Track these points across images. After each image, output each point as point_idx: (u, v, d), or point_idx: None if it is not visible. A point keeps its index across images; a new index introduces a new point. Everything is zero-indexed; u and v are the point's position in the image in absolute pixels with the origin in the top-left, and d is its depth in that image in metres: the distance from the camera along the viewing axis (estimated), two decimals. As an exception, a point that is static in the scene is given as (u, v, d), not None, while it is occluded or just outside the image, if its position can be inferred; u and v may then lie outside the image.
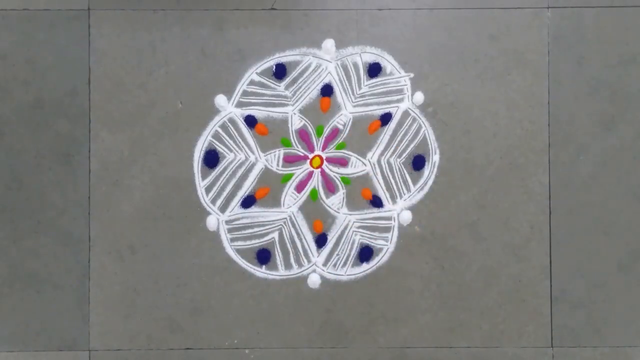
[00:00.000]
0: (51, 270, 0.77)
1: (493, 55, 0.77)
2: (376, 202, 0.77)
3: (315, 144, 0.77)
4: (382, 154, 0.77)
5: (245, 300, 0.77)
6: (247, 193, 0.77)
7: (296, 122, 0.77)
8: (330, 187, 0.77)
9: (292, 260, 0.77)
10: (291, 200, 0.77)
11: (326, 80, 0.77)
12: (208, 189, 0.77)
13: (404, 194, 0.77)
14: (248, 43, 0.77)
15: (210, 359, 0.77)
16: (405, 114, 0.77)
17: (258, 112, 0.77)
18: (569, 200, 0.77)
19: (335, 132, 0.77)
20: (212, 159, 0.77)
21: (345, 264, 0.77)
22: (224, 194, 0.77)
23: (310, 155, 0.77)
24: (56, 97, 0.76)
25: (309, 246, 0.77)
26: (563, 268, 0.77)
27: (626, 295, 0.78)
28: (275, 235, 0.77)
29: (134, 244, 0.77)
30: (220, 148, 0.77)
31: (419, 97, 0.77)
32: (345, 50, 0.77)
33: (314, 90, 0.77)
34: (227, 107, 0.77)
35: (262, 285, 0.77)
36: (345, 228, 0.77)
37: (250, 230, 0.77)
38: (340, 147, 0.77)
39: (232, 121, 0.77)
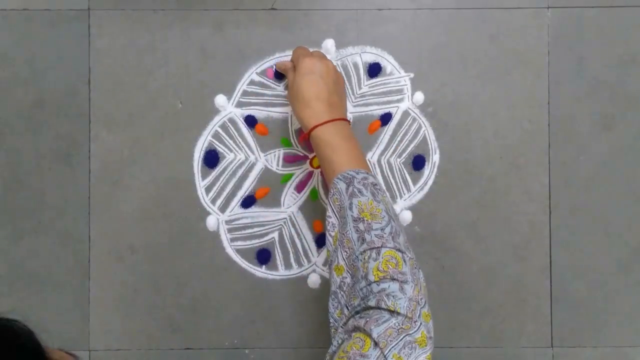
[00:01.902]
0: (51, 270, 0.77)
1: (493, 55, 0.77)
2: (376, 202, 0.77)
3: (315, 144, 0.77)
4: (382, 154, 0.77)
5: (245, 300, 0.77)
6: (247, 193, 0.77)
7: (296, 122, 0.77)
8: (330, 187, 0.77)
9: (292, 260, 0.77)
10: (291, 200, 0.77)
11: (326, 80, 0.77)
12: (208, 189, 0.77)
13: (404, 194, 0.77)
14: (248, 43, 0.77)
15: (210, 359, 0.77)
16: (405, 114, 0.77)
17: (258, 112, 0.77)
18: (569, 200, 0.77)
19: (335, 132, 0.77)
20: (212, 159, 0.77)
21: (345, 264, 0.77)
22: (224, 194, 0.77)
23: (310, 155, 0.77)
24: (56, 97, 0.76)
25: (309, 246, 0.77)
26: (563, 268, 0.77)
27: (626, 295, 0.78)
28: (275, 235, 0.77)
29: (134, 244, 0.77)
30: (220, 148, 0.77)
31: (419, 97, 0.77)
32: (345, 50, 0.77)
33: (314, 90, 0.77)
34: (227, 107, 0.77)
35: (262, 285, 0.77)
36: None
37: (250, 230, 0.77)
38: (340, 147, 0.77)
39: (232, 121, 0.77)
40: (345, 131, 0.62)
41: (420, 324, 0.49)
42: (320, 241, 0.77)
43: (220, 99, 0.77)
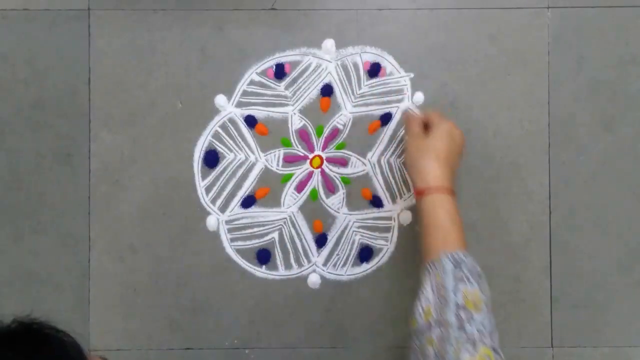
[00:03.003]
0: (51, 270, 0.77)
1: (493, 55, 0.77)
2: (376, 202, 0.77)
3: (315, 144, 0.77)
4: (382, 154, 0.77)
5: (245, 300, 0.77)
6: (247, 193, 0.77)
7: (296, 122, 0.77)
8: (330, 187, 0.77)
9: (292, 260, 0.77)
10: (291, 200, 0.77)
11: (326, 80, 0.77)
12: (208, 189, 0.77)
13: (404, 194, 0.77)
14: (248, 43, 0.77)
15: (210, 359, 0.77)
16: (405, 114, 0.77)
17: (258, 112, 0.77)
18: (569, 200, 0.77)
19: (335, 132, 0.77)
20: (212, 159, 0.77)
21: (345, 264, 0.77)
22: (224, 194, 0.77)
23: (310, 155, 0.77)
24: (56, 97, 0.76)
25: (309, 246, 0.77)
26: (563, 268, 0.77)
27: (626, 295, 0.78)
28: (275, 235, 0.77)
29: (134, 244, 0.77)
30: (220, 148, 0.77)
31: (419, 97, 0.77)
32: (345, 50, 0.77)
33: (314, 90, 0.77)
34: (227, 107, 0.77)
35: (262, 285, 0.77)
36: (345, 228, 0.77)
37: (250, 230, 0.77)
38: (340, 147, 0.77)
39: (232, 121, 0.77)
40: (453, 204, 0.60)
41: None
42: (320, 241, 0.77)
43: (220, 99, 0.77)
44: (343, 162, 0.77)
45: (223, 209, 0.77)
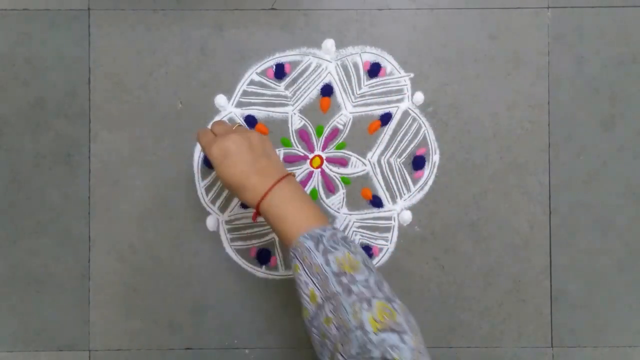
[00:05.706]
0: (51, 270, 0.77)
1: (493, 55, 0.77)
2: (376, 202, 0.77)
3: (315, 144, 0.77)
4: (382, 154, 0.77)
5: (245, 300, 0.77)
6: (247, 193, 0.77)
7: (296, 122, 0.77)
8: (330, 187, 0.77)
9: (292, 260, 0.77)
10: (291, 200, 0.77)
11: (326, 80, 0.77)
12: (208, 189, 0.77)
13: (404, 194, 0.77)
14: (248, 43, 0.77)
15: (210, 359, 0.77)
16: (405, 114, 0.77)
17: (258, 112, 0.77)
18: (569, 200, 0.77)
19: (335, 132, 0.77)
20: (212, 159, 0.77)
21: (345, 264, 0.77)
22: (224, 193, 0.77)
23: (310, 155, 0.77)
24: (56, 97, 0.76)
25: (309, 246, 0.77)
26: (563, 268, 0.77)
27: (626, 295, 0.78)
28: (275, 235, 0.77)
29: (134, 244, 0.77)
30: (220, 148, 0.77)
31: (419, 97, 0.77)
32: (345, 50, 0.77)
33: (314, 90, 0.77)
34: (227, 107, 0.77)
35: (262, 285, 0.77)
36: (346, 228, 0.77)
37: (250, 230, 0.77)
38: (340, 147, 0.77)
39: (232, 121, 0.77)
40: (289, 192, 0.57)
41: None
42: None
43: (220, 99, 0.77)
44: (343, 162, 0.77)
45: (223, 209, 0.77)
